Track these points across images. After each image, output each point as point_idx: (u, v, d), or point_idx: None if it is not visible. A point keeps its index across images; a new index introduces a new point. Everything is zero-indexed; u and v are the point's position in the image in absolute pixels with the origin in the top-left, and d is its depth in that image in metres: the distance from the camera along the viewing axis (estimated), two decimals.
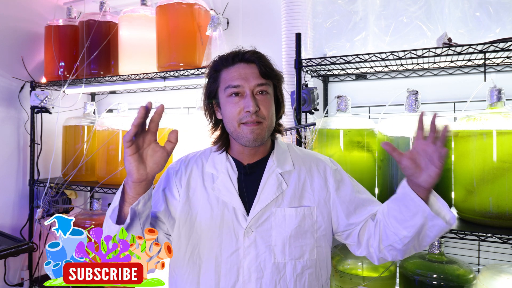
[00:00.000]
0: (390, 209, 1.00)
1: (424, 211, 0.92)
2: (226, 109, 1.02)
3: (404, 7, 1.46)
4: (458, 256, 1.55)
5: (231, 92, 1.01)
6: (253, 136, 0.99)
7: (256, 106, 0.99)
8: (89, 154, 2.27)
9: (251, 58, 1.02)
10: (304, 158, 1.13)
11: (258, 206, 1.02)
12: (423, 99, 1.67)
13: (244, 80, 1.00)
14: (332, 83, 1.97)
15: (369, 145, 1.55)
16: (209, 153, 1.15)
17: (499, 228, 1.25)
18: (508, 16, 1.32)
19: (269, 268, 1.00)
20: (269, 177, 1.05)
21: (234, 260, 1.01)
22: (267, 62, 1.04)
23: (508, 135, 1.24)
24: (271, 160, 1.08)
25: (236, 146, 1.08)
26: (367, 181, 1.54)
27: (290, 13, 1.76)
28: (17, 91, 2.37)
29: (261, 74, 1.01)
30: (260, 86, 1.01)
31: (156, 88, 2.46)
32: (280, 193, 1.04)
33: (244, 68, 1.01)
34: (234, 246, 1.01)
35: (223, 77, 1.03)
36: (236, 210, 1.03)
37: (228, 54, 1.05)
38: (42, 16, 2.49)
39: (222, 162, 1.09)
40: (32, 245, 1.82)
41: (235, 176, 1.06)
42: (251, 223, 1.01)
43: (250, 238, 1.01)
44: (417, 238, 0.96)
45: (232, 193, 1.04)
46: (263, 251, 1.00)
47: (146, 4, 2.14)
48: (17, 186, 2.39)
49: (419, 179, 0.91)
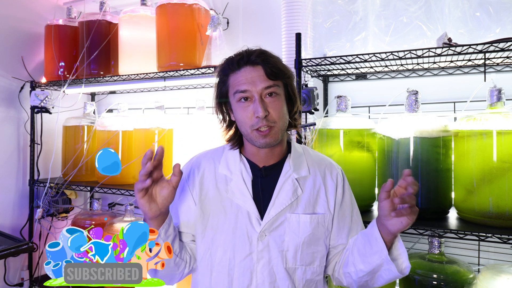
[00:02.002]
0: (357, 240, 1.03)
1: (382, 254, 0.94)
2: (238, 114, 1.02)
3: (404, 7, 1.46)
4: (458, 256, 1.55)
5: (240, 97, 1.00)
6: (265, 141, 0.99)
7: (265, 110, 0.97)
8: (89, 154, 2.27)
9: (256, 61, 1.00)
10: (320, 163, 1.11)
11: (273, 211, 1.01)
12: (423, 99, 1.67)
13: (251, 85, 0.98)
14: (332, 83, 1.97)
15: (369, 145, 1.55)
16: (221, 153, 1.13)
17: (499, 228, 1.25)
18: (508, 16, 1.32)
19: (282, 272, 1.00)
20: (285, 182, 1.04)
21: (247, 264, 1.00)
22: (274, 62, 1.01)
23: (508, 135, 1.24)
24: (287, 164, 1.07)
25: (250, 147, 1.07)
26: (367, 181, 1.54)
27: (290, 13, 1.76)
28: (17, 91, 2.37)
29: (268, 76, 0.99)
30: (268, 89, 0.99)
31: (156, 88, 2.46)
32: (295, 198, 1.03)
33: (250, 71, 0.99)
34: (248, 250, 1.00)
35: (231, 82, 1.02)
36: (250, 214, 1.02)
37: (234, 58, 1.03)
38: (42, 16, 2.49)
39: (236, 163, 1.07)
40: (32, 245, 1.82)
41: (249, 179, 1.05)
42: (265, 228, 1.00)
43: (263, 242, 1.00)
44: (372, 275, 0.99)
45: (246, 197, 1.03)
46: (276, 256, 1.00)
47: (146, 4, 2.14)
48: (17, 186, 2.39)
49: (389, 221, 0.93)
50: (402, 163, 1.40)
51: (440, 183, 1.39)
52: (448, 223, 1.35)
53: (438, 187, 1.38)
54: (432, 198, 1.38)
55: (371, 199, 1.57)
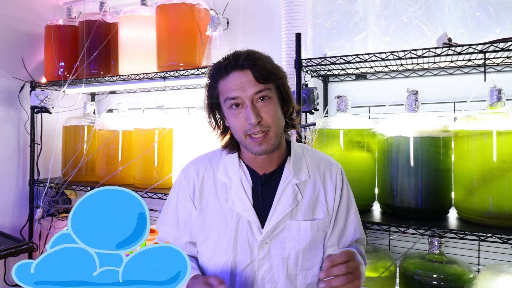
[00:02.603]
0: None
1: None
2: (230, 121, 1.00)
3: (404, 7, 1.46)
4: (458, 256, 1.55)
5: (230, 104, 0.97)
6: (261, 148, 0.97)
7: (258, 116, 0.94)
8: (89, 154, 2.27)
9: (244, 65, 0.95)
10: (319, 163, 1.09)
11: (273, 219, 1.00)
12: (423, 99, 1.67)
13: (241, 91, 0.94)
14: (332, 83, 1.97)
15: (369, 145, 1.55)
16: (219, 156, 1.10)
17: (499, 228, 1.25)
18: (508, 16, 1.32)
19: (283, 279, 0.99)
20: (285, 188, 1.02)
21: (249, 273, 0.99)
22: (263, 64, 0.96)
23: (508, 135, 1.24)
24: (287, 169, 1.04)
25: (248, 152, 1.04)
26: (367, 181, 1.54)
27: (290, 13, 1.76)
28: (17, 91, 2.37)
29: (257, 80, 0.94)
30: (259, 93, 0.95)
31: (156, 88, 2.46)
32: (296, 205, 1.02)
33: (239, 77, 0.95)
34: (249, 259, 1.00)
35: (221, 88, 0.99)
36: (251, 223, 1.00)
37: (222, 63, 0.99)
38: (42, 16, 2.49)
39: (235, 170, 1.05)
40: (32, 245, 1.82)
41: (249, 186, 1.03)
42: (266, 236, 0.99)
43: (264, 250, 0.99)
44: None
45: (247, 205, 1.01)
46: (277, 263, 0.99)
47: (146, 4, 2.14)
48: (17, 186, 2.39)
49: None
50: (402, 163, 1.40)
51: (440, 183, 1.38)
52: (448, 223, 1.35)
53: (438, 187, 1.38)
54: (432, 198, 1.38)
55: (371, 199, 1.57)
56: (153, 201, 2.44)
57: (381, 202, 1.51)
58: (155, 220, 2.38)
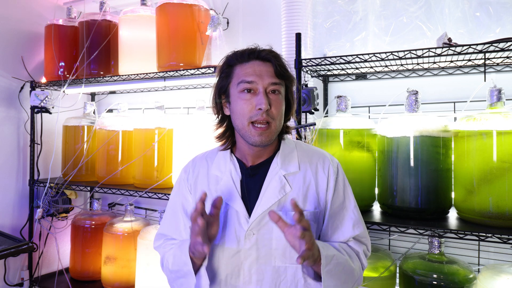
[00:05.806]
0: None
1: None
2: (237, 105, 1.01)
3: (404, 7, 1.46)
4: (458, 256, 1.55)
5: (244, 87, 1.00)
6: (260, 139, 0.99)
7: (268, 104, 0.98)
8: (89, 154, 2.28)
9: (267, 57, 1.02)
10: (312, 156, 1.10)
11: (259, 209, 1.01)
12: (423, 99, 1.67)
13: (258, 77, 0.99)
14: (332, 83, 1.97)
15: (369, 145, 1.55)
16: (215, 153, 1.15)
17: (499, 228, 1.25)
18: (508, 16, 1.32)
19: (269, 271, 1.00)
20: (271, 179, 1.04)
21: (235, 262, 1.01)
22: (282, 62, 1.04)
23: (508, 135, 1.24)
24: (275, 162, 1.06)
25: (242, 145, 1.07)
26: (367, 181, 1.54)
27: (290, 13, 1.76)
28: (17, 91, 2.37)
29: (275, 74, 1.01)
30: (274, 85, 1.00)
31: (156, 88, 2.46)
32: (283, 195, 1.02)
33: (259, 65, 1.01)
34: (236, 248, 1.01)
35: (237, 72, 1.03)
36: (239, 213, 1.03)
37: (244, 50, 1.05)
38: (42, 16, 2.49)
39: (226, 163, 1.09)
40: (32, 245, 1.83)
41: (238, 178, 1.07)
42: (252, 226, 1.01)
43: (251, 241, 1.00)
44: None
45: (235, 196, 1.04)
46: (264, 254, 1.00)
47: (146, 4, 2.14)
48: (17, 186, 2.39)
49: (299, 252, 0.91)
50: (402, 163, 1.40)
51: (440, 183, 1.39)
52: (448, 223, 1.35)
53: (438, 187, 1.38)
54: (432, 198, 1.38)
55: (371, 199, 1.57)
56: (153, 201, 2.44)
57: (381, 202, 1.51)
58: (155, 220, 2.38)
